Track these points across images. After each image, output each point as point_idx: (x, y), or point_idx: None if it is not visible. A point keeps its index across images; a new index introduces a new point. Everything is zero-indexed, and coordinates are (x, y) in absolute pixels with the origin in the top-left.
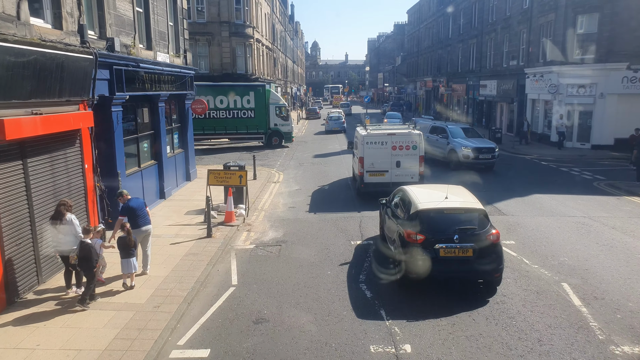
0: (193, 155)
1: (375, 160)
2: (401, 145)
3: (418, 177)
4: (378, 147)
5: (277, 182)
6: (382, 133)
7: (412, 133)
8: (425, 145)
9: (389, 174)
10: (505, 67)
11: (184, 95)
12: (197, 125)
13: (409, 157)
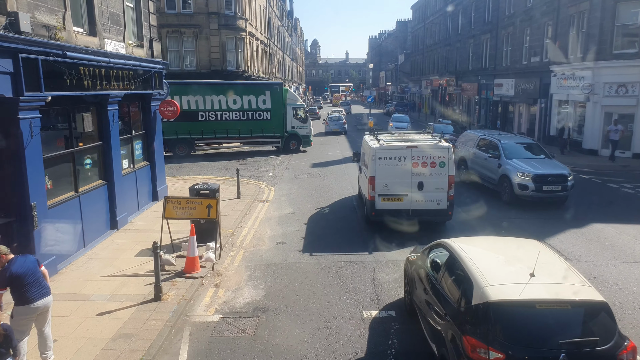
0: (162, 169)
1: (390, 180)
2: (424, 161)
3: (447, 204)
4: (394, 164)
5: (265, 201)
6: (399, 145)
7: (439, 146)
8: (470, 164)
9: (409, 199)
10: (525, 64)
11: (148, 95)
12: (208, 128)
13: (435, 177)
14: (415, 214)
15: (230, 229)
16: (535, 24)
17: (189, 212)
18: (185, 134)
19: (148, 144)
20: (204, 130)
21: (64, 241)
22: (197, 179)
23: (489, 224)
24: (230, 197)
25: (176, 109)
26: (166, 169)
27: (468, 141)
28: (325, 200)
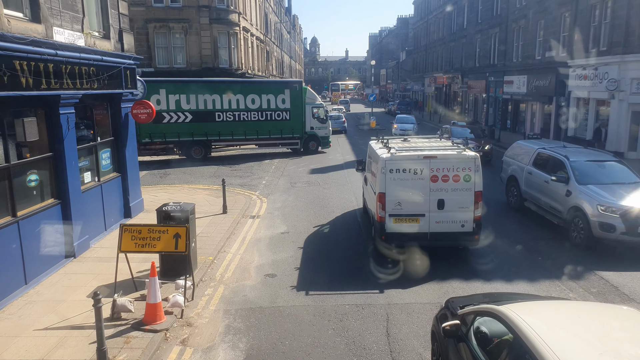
0: (137, 180)
1: (403, 197)
2: (446, 174)
3: (472, 226)
4: (409, 178)
5: (256, 216)
6: (414, 155)
7: (464, 156)
8: (525, 187)
9: (427, 220)
10: (539, 59)
11: (118, 95)
12: (226, 129)
13: (459, 193)
14: (434, 238)
15: (211, 256)
16: (551, 16)
17: (152, 243)
18: (202, 136)
19: (119, 152)
20: (221, 131)
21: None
22: (181, 189)
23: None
24: (215, 211)
25: (151, 111)
26: (149, 177)
27: (520, 155)
28: (325, 215)
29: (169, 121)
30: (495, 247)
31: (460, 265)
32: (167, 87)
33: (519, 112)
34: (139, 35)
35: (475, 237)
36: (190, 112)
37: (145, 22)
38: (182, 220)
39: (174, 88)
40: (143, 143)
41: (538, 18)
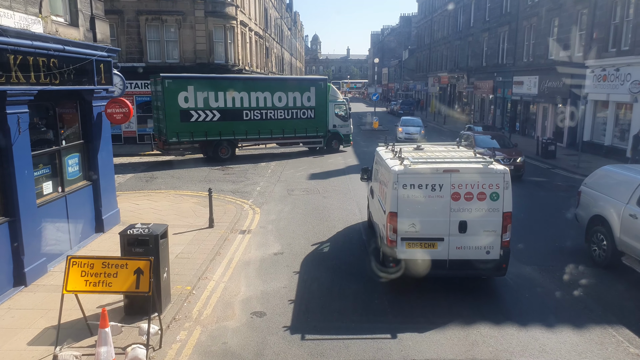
0: (112, 188)
1: (419, 217)
2: (470, 191)
3: (499, 253)
4: (425, 195)
5: (247, 231)
6: (432, 168)
7: (491, 170)
8: (622, 234)
9: (446, 245)
10: (552, 59)
11: (88, 92)
12: (253, 128)
13: (485, 214)
14: (454, 266)
15: (189, 285)
16: (566, 13)
17: (106, 281)
18: (230, 135)
19: (90, 158)
20: (248, 130)
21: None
22: (166, 196)
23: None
24: (200, 224)
25: (128, 111)
26: (134, 181)
27: (611, 187)
28: (325, 230)
29: (197, 120)
30: (529, 281)
31: (487, 303)
32: (195, 83)
33: (529, 115)
34: (130, 28)
35: (502, 266)
36: (218, 110)
37: (136, 13)
38: (151, 248)
39: (202, 85)
40: (170, 143)
41: (552, 16)
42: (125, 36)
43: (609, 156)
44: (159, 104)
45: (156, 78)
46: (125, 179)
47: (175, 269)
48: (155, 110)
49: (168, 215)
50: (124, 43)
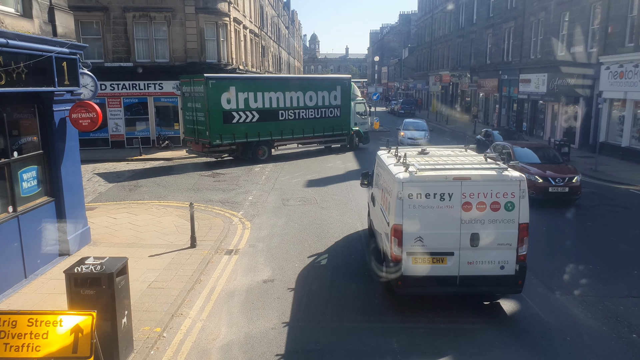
0: (80, 204)
1: (426, 230)
2: (482, 201)
3: (515, 268)
4: (433, 205)
5: (234, 251)
6: (441, 175)
7: (506, 177)
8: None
9: (455, 260)
10: (562, 55)
11: (47, 95)
12: (287, 128)
13: (499, 225)
14: (466, 283)
15: (159, 326)
16: (577, 7)
17: (32, 344)
18: (267, 135)
19: (52, 170)
20: (283, 130)
21: None
22: (148, 208)
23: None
24: (182, 243)
25: (96, 116)
26: (116, 190)
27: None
28: (322, 242)
29: (238, 121)
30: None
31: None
32: (237, 84)
33: (537, 114)
34: (116, 26)
35: (518, 282)
36: (257, 111)
37: (123, 10)
38: (104, 289)
39: (243, 85)
40: (214, 145)
41: (561, 10)
42: (112, 34)
43: (627, 158)
44: (197, 106)
45: (192, 79)
46: (107, 188)
47: (145, 304)
48: (188, 112)
49: (147, 231)
50: (110, 42)
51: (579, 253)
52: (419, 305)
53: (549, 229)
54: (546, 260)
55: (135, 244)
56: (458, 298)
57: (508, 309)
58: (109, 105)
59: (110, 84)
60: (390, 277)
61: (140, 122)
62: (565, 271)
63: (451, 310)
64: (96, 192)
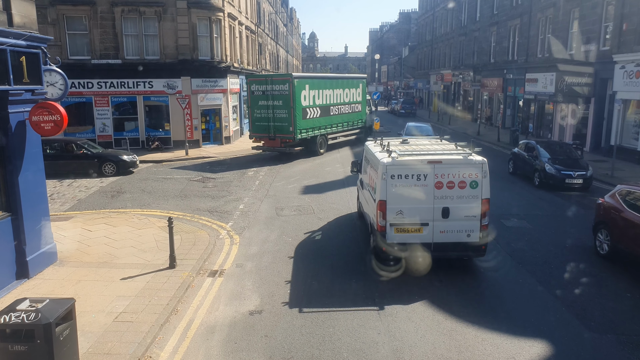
0: (44, 218)
1: (406, 205)
2: (451, 180)
3: (479, 236)
4: (411, 184)
5: (218, 273)
6: (417, 159)
7: (471, 161)
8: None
9: (430, 230)
10: (571, 54)
11: (2, 94)
12: (334, 122)
13: (466, 200)
14: (439, 248)
15: None
16: (588, 3)
17: None
18: (325, 130)
19: (8, 181)
20: (332, 124)
21: None
22: (129, 218)
23: None
24: (160, 263)
25: (60, 119)
26: (97, 197)
27: None
28: (321, 271)
29: (310, 116)
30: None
31: None
32: (309, 82)
33: (544, 115)
34: (104, 21)
35: (482, 248)
36: (319, 107)
37: (111, 5)
38: (39, 345)
39: (312, 83)
40: (297, 140)
41: (571, 6)
42: (99, 30)
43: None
44: (278, 103)
45: (271, 77)
46: (87, 194)
47: (108, 345)
48: (260, 109)
49: (123, 247)
50: (98, 38)
51: None
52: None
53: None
54: None
55: (108, 263)
56: (432, 261)
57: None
58: (96, 105)
59: (98, 82)
60: (377, 245)
61: (129, 122)
62: None
63: None
64: (75, 199)
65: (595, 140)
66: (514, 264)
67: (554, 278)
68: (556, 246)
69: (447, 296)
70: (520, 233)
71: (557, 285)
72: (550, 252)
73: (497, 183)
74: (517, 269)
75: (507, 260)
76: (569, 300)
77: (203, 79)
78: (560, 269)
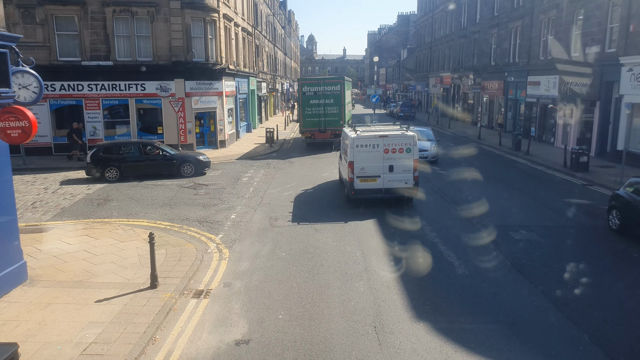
0: (12, 233)
1: (366, 164)
2: (394, 148)
3: (412, 183)
4: (369, 151)
5: (204, 294)
6: (373, 135)
7: (405, 135)
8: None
9: (382, 180)
10: (575, 56)
11: None
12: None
13: (403, 160)
14: (387, 192)
15: None
16: (593, 4)
17: None
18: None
19: None
20: (349, 119)
21: None
22: (113, 229)
23: None
24: (141, 282)
25: (29, 125)
26: (83, 206)
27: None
28: (317, 293)
29: (348, 111)
30: None
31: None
32: (347, 84)
33: (547, 118)
34: (94, 22)
35: (414, 190)
36: (349, 104)
37: (102, 5)
38: None
39: (347, 85)
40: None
41: (575, 7)
42: (89, 30)
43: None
44: (329, 101)
45: (324, 80)
46: (72, 202)
47: None
48: (312, 107)
49: (103, 263)
50: (88, 38)
51: None
52: (363, 204)
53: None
54: None
55: (84, 282)
56: (383, 200)
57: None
58: (87, 107)
59: (88, 84)
60: (348, 191)
61: (121, 126)
62: None
63: (378, 204)
64: (59, 207)
65: (600, 145)
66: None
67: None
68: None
69: (387, 217)
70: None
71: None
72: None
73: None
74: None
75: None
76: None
77: (197, 81)
78: None
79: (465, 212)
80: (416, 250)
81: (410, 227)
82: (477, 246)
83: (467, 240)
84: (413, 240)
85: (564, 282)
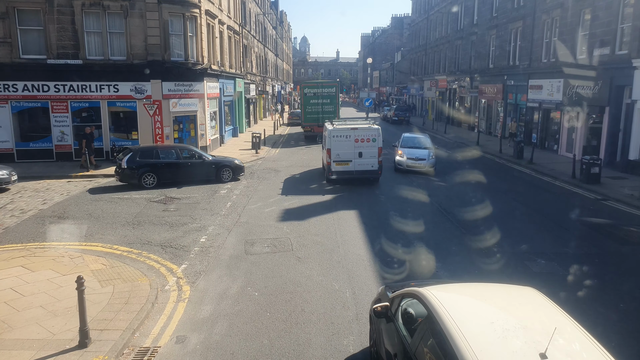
0: None
1: (340, 151)
2: (362, 138)
3: (377, 167)
4: (343, 140)
5: (149, 353)
6: (346, 127)
7: (372, 128)
8: None
9: (353, 163)
10: (582, 58)
11: None
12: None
13: (370, 148)
14: (357, 174)
15: None
16: (602, 3)
17: None
18: None
19: None
20: None
21: None
22: (57, 258)
23: None
24: (70, 337)
25: None
26: (28, 225)
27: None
28: (294, 353)
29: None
30: None
31: None
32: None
33: (550, 125)
34: (61, 16)
35: (379, 173)
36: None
37: None
38: None
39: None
40: None
41: (581, 7)
42: (56, 26)
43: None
44: (326, 101)
45: (322, 83)
46: (20, 220)
47: None
48: (312, 107)
49: (28, 308)
50: (54, 34)
51: None
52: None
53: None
54: None
55: None
56: (355, 180)
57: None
58: (53, 110)
59: (55, 85)
60: (327, 173)
61: None
62: None
63: (352, 184)
64: (2, 227)
65: (609, 154)
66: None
67: None
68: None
69: (356, 195)
70: None
71: None
72: None
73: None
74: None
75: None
76: None
77: (176, 82)
78: None
79: (476, 242)
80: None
81: (411, 257)
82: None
83: (477, 272)
84: (414, 279)
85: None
